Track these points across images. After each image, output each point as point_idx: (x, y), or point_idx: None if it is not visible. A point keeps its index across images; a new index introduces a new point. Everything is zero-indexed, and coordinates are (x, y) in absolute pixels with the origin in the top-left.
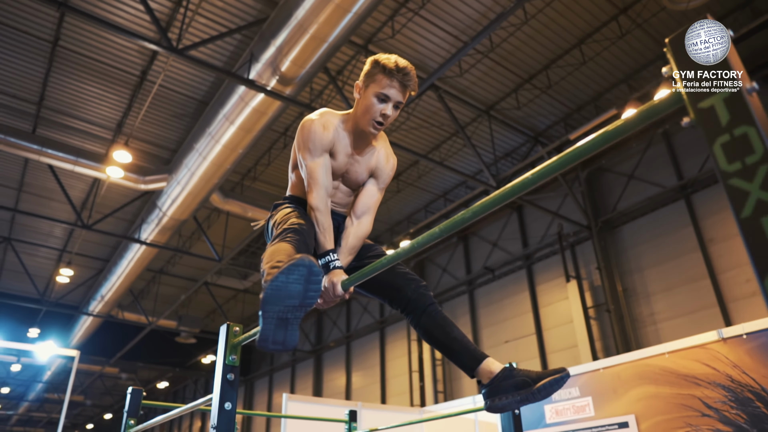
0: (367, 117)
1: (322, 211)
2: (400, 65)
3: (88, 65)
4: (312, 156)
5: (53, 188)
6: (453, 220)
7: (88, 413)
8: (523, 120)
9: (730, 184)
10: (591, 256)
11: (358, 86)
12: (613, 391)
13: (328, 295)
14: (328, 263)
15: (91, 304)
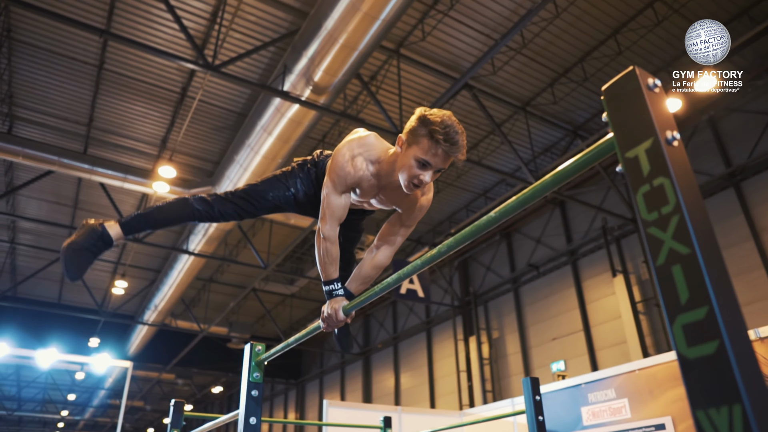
0: (404, 177)
1: (332, 242)
2: (450, 135)
3: (131, 85)
4: (335, 189)
5: (105, 204)
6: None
7: (148, 418)
8: (561, 114)
9: (649, 232)
10: (637, 250)
11: (400, 139)
12: (650, 393)
13: (331, 320)
14: (331, 291)
15: (146, 313)
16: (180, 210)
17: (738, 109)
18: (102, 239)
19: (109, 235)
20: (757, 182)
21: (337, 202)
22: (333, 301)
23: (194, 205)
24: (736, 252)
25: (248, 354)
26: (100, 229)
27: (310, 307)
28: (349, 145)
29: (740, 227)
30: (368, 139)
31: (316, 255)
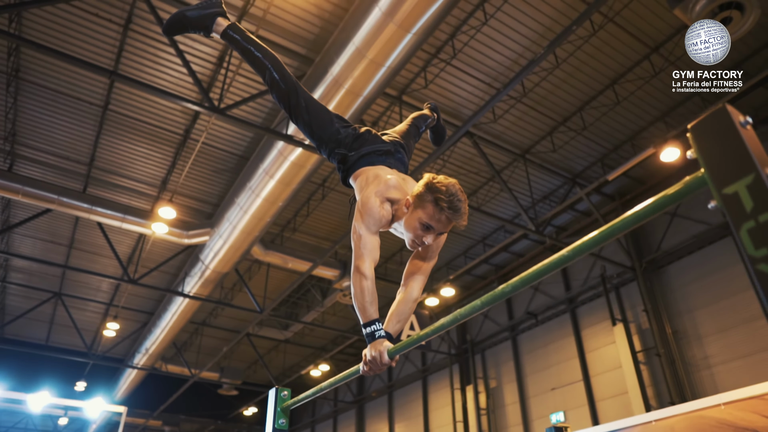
0: (408, 236)
1: (370, 280)
2: (453, 203)
3: (135, 126)
4: (369, 231)
5: (102, 244)
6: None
7: None
8: (560, 162)
9: (759, 269)
10: (637, 298)
11: (408, 202)
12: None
13: (375, 364)
14: (373, 332)
15: (136, 357)
16: (258, 67)
17: None
18: (206, 26)
19: (211, 31)
20: None
21: (374, 242)
22: (377, 344)
23: (266, 75)
24: (737, 301)
25: (273, 399)
26: (210, 23)
27: (303, 353)
28: (377, 190)
29: (741, 275)
30: (390, 183)
31: (354, 295)
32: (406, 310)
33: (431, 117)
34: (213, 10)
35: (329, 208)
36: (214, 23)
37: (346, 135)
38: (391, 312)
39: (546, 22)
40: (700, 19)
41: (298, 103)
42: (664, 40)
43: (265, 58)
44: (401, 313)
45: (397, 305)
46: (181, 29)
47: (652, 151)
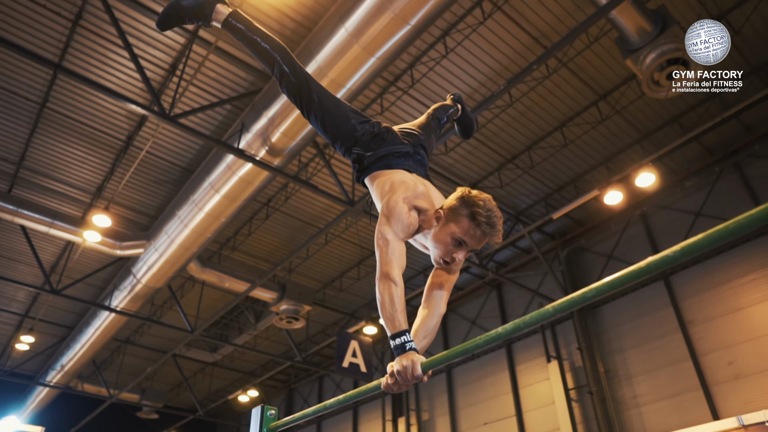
0: (437, 252)
1: (400, 287)
2: (491, 218)
3: (74, 128)
4: (396, 235)
5: (22, 250)
6: None
7: None
8: (505, 199)
9: None
10: (572, 336)
11: (439, 214)
12: None
13: (404, 376)
14: (404, 344)
15: (50, 373)
16: (266, 59)
17: (667, 207)
18: (205, 15)
19: (210, 21)
20: (684, 277)
21: (402, 249)
22: (407, 356)
23: (275, 68)
24: (665, 343)
25: (258, 419)
26: (209, 13)
27: (231, 377)
28: (405, 196)
29: (669, 319)
30: (419, 190)
31: (381, 304)
32: (432, 325)
33: (454, 107)
34: (201, 9)
35: (272, 229)
36: (213, 11)
37: (363, 133)
38: (416, 327)
39: (503, 61)
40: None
41: (311, 98)
42: (611, 89)
43: (274, 49)
44: (428, 328)
45: (422, 321)
46: (177, 21)
47: (597, 193)
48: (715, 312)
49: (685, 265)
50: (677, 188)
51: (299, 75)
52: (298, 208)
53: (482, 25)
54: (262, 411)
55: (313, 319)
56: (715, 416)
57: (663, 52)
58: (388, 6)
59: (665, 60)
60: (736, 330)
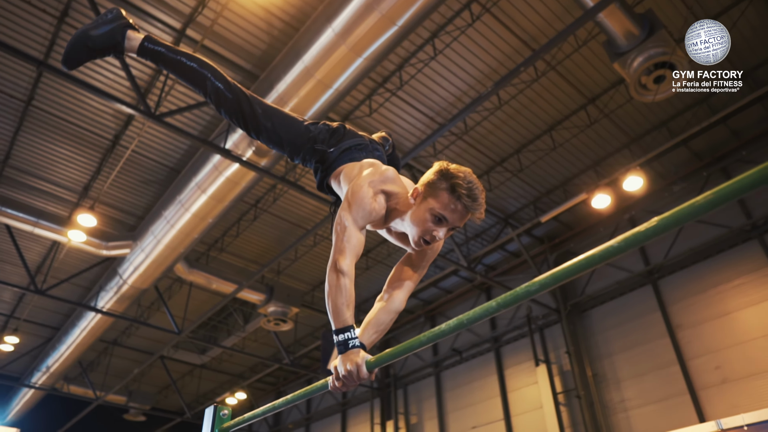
0: (416, 231)
1: (352, 279)
2: (472, 190)
3: (59, 126)
4: (356, 224)
5: (6, 249)
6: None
7: None
8: (494, 202)
9: None
10: (560, 340)
11: (416, 190)
12: None
13: (352, 379)
14: (347, 341)
15: (35, 375)
16: (195, 79)
17: (656, 211)
18: (116, 48)
19: (123, 48)
20: (672, 281)
21: (359, 237)
22: (352, 354)
23: (208, 87)
24: (653, 347)
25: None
26: (120, 37)
27: (219, 380)
28: (371, 180)
29: (657, 323)
30: (388, 174)
31: (328, 295)
32: (386, 320)
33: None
34: (118, 22)
35: (260, 230)
36: (125, 38)
37: (319, 131)
38: (368, 320)
39: (492, 64)
40: (636, 75)
41: (253, 111)
42: (600, 92)
43: (201, 66)
44: (380, 323)
45: (376, 313)
46: (87, 54)
47: (585, 197)
48: (703, 316)
49: (672, 270)
50: (665, 192)
51: (234, 89)
52: (286, 209)
53: (471, 27)
54: (214, 411)
55: (302, 322)
56: (702, 420)
57: (650, 55)
58: (375, 6)
59: (652, 64)
60: (724, 334)
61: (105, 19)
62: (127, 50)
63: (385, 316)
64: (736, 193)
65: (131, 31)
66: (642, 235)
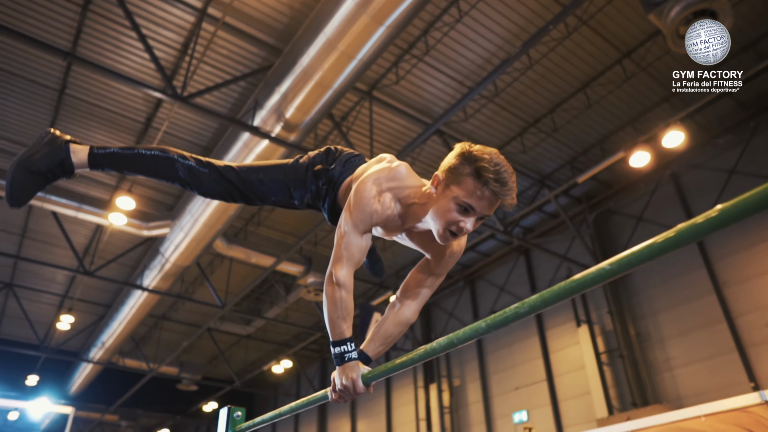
0: (440, 224)
1: (348, 291)
2: (500, 174)
3: (93, 113)
4: (356, 229)
5: (56, 234)
6: None
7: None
8: (529, 164)
9: None
10: (602, 300)
11: (437, 178)
12: None
13: (348, 393)
14: (343, 354)
15: (92, 350)
16: (161, 168)
17: (699, 165)
18: (62, 165)
19: (71, 164)
20: (718, 237)
21: (358, 243)
22: (348, 368)
23: (179, 171)
24: (699, 305)
25: (224, 420)
26: (64, 153)
27: (265, 349)
28: (377, 177)
29: (703, 281)
30: (399, 172)
31: (326, 307)
32: (394, 333)
33: None
34: (57, 140)
35: None
36: (69, 153)
37: (312, 157)
38: (375, 332)
39: (520, 22)
40: (673, 25)
41: (238, 174)
42: (636, 45)
43: (164, 152)
44: (388, 335)
45: (385, 326)
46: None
47: (622, 155)
48: (751, 272)
49: None
50: (709, 146)
51: (207, 163)
52: None
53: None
54: (228, 413)
55: None
56: (752, 378)
57: (688, 3)
58: None
59: (691, 12)
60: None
61: (42, 141)
62: (77, 165)
63: (394, 329)
64: None
65: (74, 145)
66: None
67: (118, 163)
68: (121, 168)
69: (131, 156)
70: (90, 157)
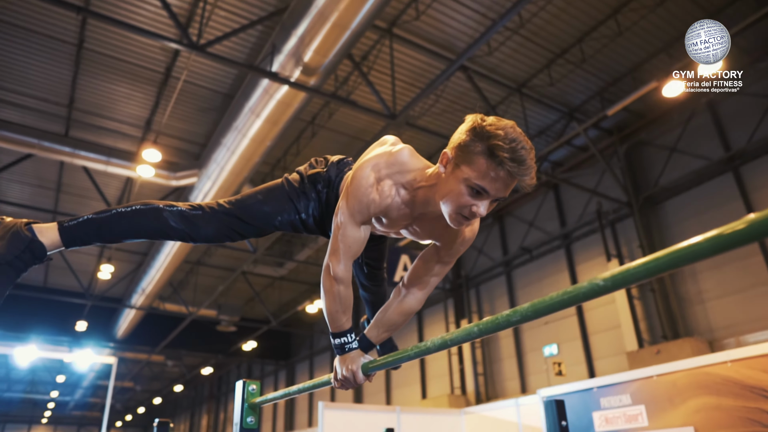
0: (451, 208)
1: (346, 285)
2: (516, 152)
3: (113, 65)
4: (352, 219)
5: (89, 188)
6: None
7: (138, 398)
8: (557, 96)
9: None
10: (632, 234)
11: (445, 156)
12: (669, 401)
13: (349, 383)
14: (343, 345)
15: (133, 297)
16: (149, 223)
17: (739, 91)
18: (31, 250)
19: (42, 245)
20: (756, 167)
21: (356, 235)
22: (348, 359)
23: (169, 220)
24: None
25: (240, 394)
26: (28, 236)
27: (299, 290)
28: (375, 163)
29: (738, 212)
30: (400, 156)
31: (324, 300)
32: (398, 322)
33: None
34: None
35: (319, 147)
36: (35, 234)
37: (303, 170)
38: (379, 318)
39: None
40: None
41: (235, 205)
42: None
43: (145, 205)
44: (392, 323)
45: (388, 314)
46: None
47: (655, 85)
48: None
49: (756, 155)
50: (750, 70)
51: (197, 206)
52: (343, 123)
53: None
54: (243, 386)
55: None
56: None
57: None
58: None
59: None
60: None
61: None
62: (50, 246)
63: (398, 318)
64: None
65: (37, 225)
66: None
67: (98, 231)
68: (103, 235)
69: (110, 218)
70: (61, 232)
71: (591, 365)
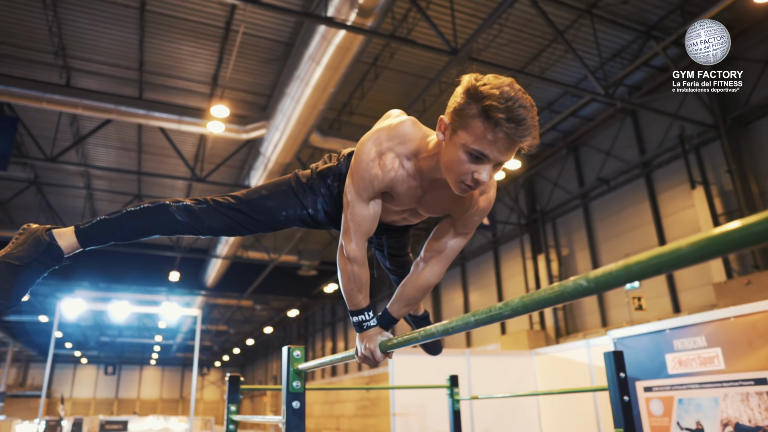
0: (453, 176)
1: (360, 264)
2: (513, 111)
3: (176, 25)
4: (359, 196)
5: (167, 146)
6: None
7: (233, 339)
8: (632, 14)
9: None
10: (720, 159)
11: (442, 122)
12: (748, 343)
13: (370, 362)
14: (361, 323)
15: (218, 247)
16: (157, 219)
17: None
18: (49, 253)
19: (59, 248)
20: None
21: (364, 212)
22: (366, 337)
23: (176, 215)
24: None
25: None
26: (47, 240)
27: None
28: (376, 137)
29: None
30: (401, 128)
31: (340, 280)
32: (417, 297)
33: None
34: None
35: (384, 87)
36: (54, 238)
37: (315, 166)
38: (399, 293)
39: None
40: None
41: (240, 199)
42: None
43: (153, 203)
44: (411, 298)
45: (407, 289)
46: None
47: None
48: None
49: None
50: None
51: (205, 199)
52: (405, 62)
53: None
54: (288, 352)
55: None
56: None
57: None
58: None
59: None
60: None
61: (20, 237)
62: (67, 249)
63: (416, 293)
64: None
65: (56, 230)
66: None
67: (111, 230)
68: (115, 234)
69: (120, 218)
70: (78, 234)
71: (675, 298)
